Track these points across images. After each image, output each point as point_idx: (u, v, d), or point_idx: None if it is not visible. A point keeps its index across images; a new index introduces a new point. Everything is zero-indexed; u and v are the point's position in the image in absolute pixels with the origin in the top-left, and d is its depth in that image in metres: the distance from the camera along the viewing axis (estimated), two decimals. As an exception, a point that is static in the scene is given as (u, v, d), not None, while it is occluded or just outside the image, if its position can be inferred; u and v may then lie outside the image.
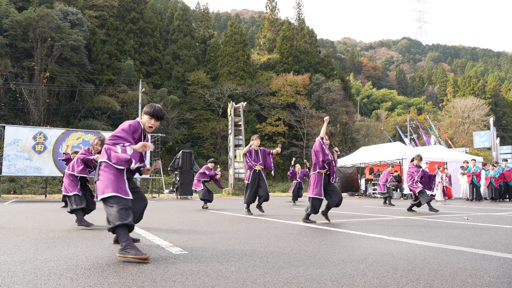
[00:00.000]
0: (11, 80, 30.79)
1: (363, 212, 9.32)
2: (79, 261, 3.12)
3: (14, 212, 8.78)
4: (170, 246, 3.92)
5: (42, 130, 17.98)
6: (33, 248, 3.78)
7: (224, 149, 38.83)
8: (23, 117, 31.33)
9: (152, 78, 42.15)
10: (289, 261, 3.17)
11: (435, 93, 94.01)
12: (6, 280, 2.53)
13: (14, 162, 16.85)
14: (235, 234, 4.97)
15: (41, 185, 23.79)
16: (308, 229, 5.60)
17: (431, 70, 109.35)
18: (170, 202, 15.36)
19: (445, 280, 2.61)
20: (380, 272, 2.80)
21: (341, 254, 3.50)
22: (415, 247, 3.94)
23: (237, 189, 24.42)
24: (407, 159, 18.95)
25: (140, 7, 43.44)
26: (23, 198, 18.39)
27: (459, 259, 3.31)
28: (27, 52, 32.89)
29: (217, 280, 2.56)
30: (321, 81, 47.51)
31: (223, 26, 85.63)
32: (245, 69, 44.76)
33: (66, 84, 33.18)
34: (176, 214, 8.45)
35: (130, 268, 2.87)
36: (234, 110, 26.20)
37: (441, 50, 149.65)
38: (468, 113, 54.12)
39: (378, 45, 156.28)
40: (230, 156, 25.83)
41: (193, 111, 40.88)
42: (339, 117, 47.08)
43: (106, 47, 38.70)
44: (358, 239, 4.55)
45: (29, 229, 5.44)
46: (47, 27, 31.38)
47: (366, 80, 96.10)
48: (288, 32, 51.72)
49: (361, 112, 70.79)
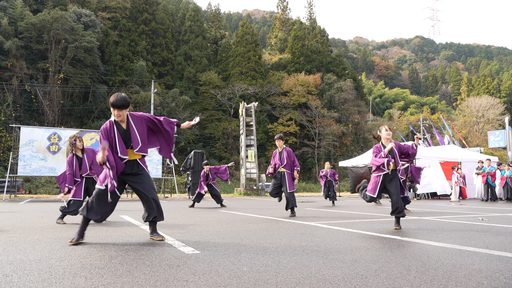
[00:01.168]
0: (26, 82, 31.30)
1: (375, 213, 9.25)
2: (93, 260, 3.15)
3: (29, 212, 8.92)
4: (182, 245, 3.94)
5: (57, 131, 18.22)
6: (48, 247, 3.84)
7: (236, 149, 38.89)
8: (38, 118, 31.82)
9: (164, 78, 42.43)
10: (301, 261, 3.16)
11: (448, 92, 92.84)
12: (22, 278, 2.57)
13: (29, 162, 17.11)
14: (247, 234, 4.97)
15: (56, 185, 24.12)
16: (320, 229, 5.58)
17: (445, 69, 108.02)
18: (182, 202, 15.44)
19: (460, 281, 2.57)
20: (393, 273, 2.78)
21: (354, 255, 3.48)
22: (428, 248, 3.90)
23: (248, 189, 24.44)
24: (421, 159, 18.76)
25: (152, 8, 43.78)
26: (38, 198, 18.67)
27: (474, 260, 3.26)
28: (42, 54, 33.39)
29: (229, 280, 2.57)
30: (333, 81, 47.27)
31: (235, 27, 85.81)
32: (256, 69, 44.77)
33: (80, 85, 33.61)
34: (188, 214, 8.49)
35: (143, 268, 2.89)
36: (245, 110, 26.23)
37: (455, 48, 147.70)
38: (482, 112, 53.31)
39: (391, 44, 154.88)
40: (241, 156, 25.85)
41: (205, 111, 41.03)
42: (351, 117, 46.81)
43: (119, 49, 39.09)
44: (370, 239, 4.51)
45: (44, 228, 5.52)
46: (61, 29, 31.83)
47: (378, 80, 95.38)
48: (299, 31, 51.59)
49: (374, 112, 70.28)
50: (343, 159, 36.28)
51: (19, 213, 8.41)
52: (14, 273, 2.72)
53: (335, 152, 43.21)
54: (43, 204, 12.59)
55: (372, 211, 9.71)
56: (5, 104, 29.32)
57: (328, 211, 9.86)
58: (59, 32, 31.83)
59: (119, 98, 3.98)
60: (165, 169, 22.13)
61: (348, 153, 44.12)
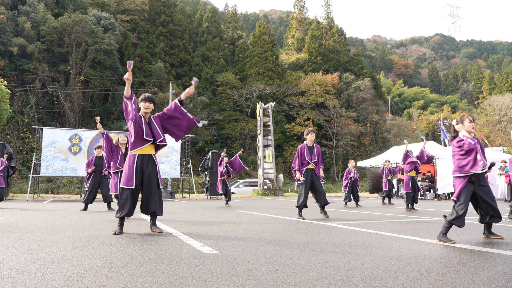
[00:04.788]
0: (48, 84, 32.02)
1: (395, 213, 9.13)
2: (113, 259, 3.20)
3: (51, 211, 9.12)
4: (200, 245, 3.97)
5: (77, 132, 18.58)
6: (69, 246, 3.91)
7: (253, 149, 38.93)
8: (60, 119, 32.50)
9: (182, 80, 42.77)
10: (319, 262, 3.14)
11: (470, 90, 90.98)
12: (45, 276, 2.63)
13: (51, 163, 17.50)
14: (265, 234, 4.97)
15: (77, 185, 24.61)
16: (338, 230, 5.54)
17: (466, 66, 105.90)
18: (200, 202, 15.54)
19: (482, 283, 2.52)
20: (414, 275, 2.74)
21: (373, 256, 3.44)
22: (450, 250, 3.83)
23: (266, 189, 24.44)
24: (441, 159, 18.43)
25: (170, 10, 44.19)
26: (60, 198, 19.06)
27: (497, 262, 3.19)
28: (63, 56, 34.09)
29: (248, 280, 2.57)
30: (351, 80, 46.84)
31: (251, 27, 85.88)
32: (273, 69, 44.73)
33: (100, 87, 34.19)
34: (206, 214, 8.54)
35: (162, 267, 2.92)
36: (263, 111, 26.23)
37: (476, 46, 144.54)
38: (505, 110, 52.01)
39: (410, 42, 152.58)
40: (259, 156, 25.86)
41: (222, 112, 41.19)
42: (369, 116, 46.32)
43: (138, 50, 39.60)
44: (390, 240, 4.46)
45: (66, 227, 5.63)
46: (81, 32, 32.44)
47: (397, 78, 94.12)
48: (316, 31, 51.30)
49: (392, 111, 69.39)
50: (362, 159, 35.93)
51: (42, 213, 8.60)
52: (37, 271, 2.78)
53: (353, 152, 42.83)
54: (64, 204, 12.85)
55: (391, 212, 9.59)
56: (28, 106, 30.06)
57: (346, 211, 9.78)
58: (80, 35, 32.45)
59: (150, 94, 5.05)
60: (183, 169, 22.32)
61: (367, 153, 43.69)
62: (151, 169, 4.93)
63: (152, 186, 4.93)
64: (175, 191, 21.38)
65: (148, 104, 4.96)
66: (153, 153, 5.03)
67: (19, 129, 29.17)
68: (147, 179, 4.90)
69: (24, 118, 29.43)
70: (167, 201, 15.38)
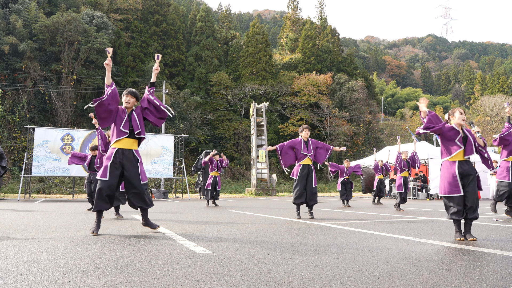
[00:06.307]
0: (40, 83, 31.76)
1: (387, 213, 9.18)
2: (105, 260, 3.19)
3: (43, 212, 9.05)
4: (194, 245, 3.96)
5: (70, 132, 18.45)
6: (61, 246, 3.89)
7: (247, 149, 38.92)
8: (52, 119, 32.24)
9: (175, 79, 42.65)
10: (312, 262, 3.15)
11: (461, 91, 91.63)
12: (36, 277, 2.61)
13: (43, 162, 17.36)
14: (258, 234, 4.97)
15: (69, 185, 24.43)
16: (332, 229, 5.55)
17: (458, 67, 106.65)
18: (193, 202, 15.50)
19: (474, 283, 2.54)
20: (406, 274, 2.75)
21: (366, 255, 3.46)
22: (441, 249, 3.86)
23: (259, 189, 24.45)
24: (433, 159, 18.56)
25: (163, 9, 44.04)
26: (52, 198, 18.91)
27: (488, 262, 3.22)
28: (55, 55, 33.83)
29: (241, 280, 2.57)
30: (344, 80, 47.01)
31: (245, 27, 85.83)
32: (267, 69, 44.74)
33: (92, 86, 33.97)
34: (199, 214, 8.52)
35: (155, 268, 2.91)
36: (256, 111, 26.24)
37: (468, 47, 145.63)
38: (496, 111, 52.51)
39: (402, 43, 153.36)
40: (252, 156, 25.87)
41: (216, 111, 41.13)
42: (362, 117, 46.52)
43: (131, 50, 39.42)
44: (383, 240, 4.48)
45: (58, 228, 5.59)
46: (74, 31, 32.21)
47: (390, 79, 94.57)
48: (310, 31, 51.42)
49: (385, 111, 69.73)
50: (355, 159, 36.07)
51: (33, 213, 8.53)
52: (29, 272, 2.76)
53: (347, 152, 42.99)
54: (56, 204, 12.75)
55: (383, 212, 9.64)
56: (19, 106, 29.79)
57: (340, 211, 9.82)
58: (72, 34, 32.22)
59: (133, 89, 5.25)
60: (176, 169, 22.26)
61: (360, 153, 43.87)
62: (132, 165, 4.87)
63: (135, 182, 4.85)
64: (168, 191, 21.32)
65: (129, 98, 5.08)
66: (134, 149, 5.00)
67: (10, 128, 28.90)
68: (128, 175, 4.84)
69: (15, 118, 29.16)
70: (160, 201, 15.32)
